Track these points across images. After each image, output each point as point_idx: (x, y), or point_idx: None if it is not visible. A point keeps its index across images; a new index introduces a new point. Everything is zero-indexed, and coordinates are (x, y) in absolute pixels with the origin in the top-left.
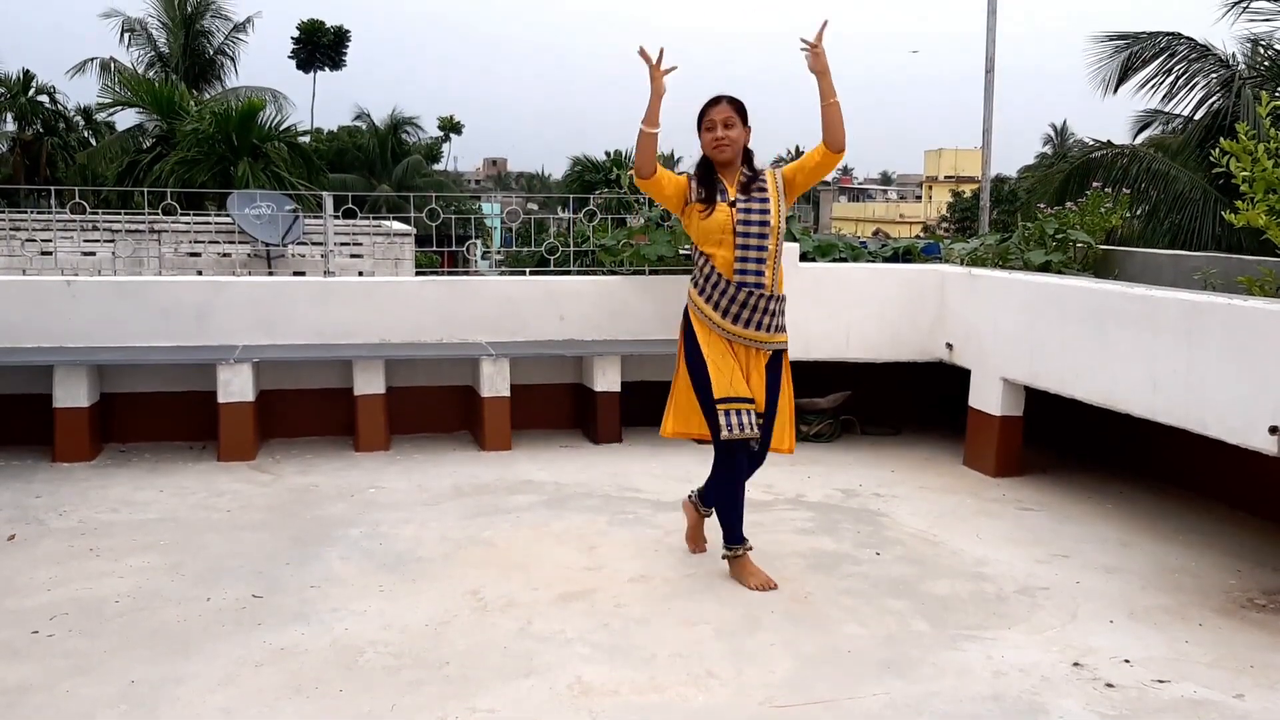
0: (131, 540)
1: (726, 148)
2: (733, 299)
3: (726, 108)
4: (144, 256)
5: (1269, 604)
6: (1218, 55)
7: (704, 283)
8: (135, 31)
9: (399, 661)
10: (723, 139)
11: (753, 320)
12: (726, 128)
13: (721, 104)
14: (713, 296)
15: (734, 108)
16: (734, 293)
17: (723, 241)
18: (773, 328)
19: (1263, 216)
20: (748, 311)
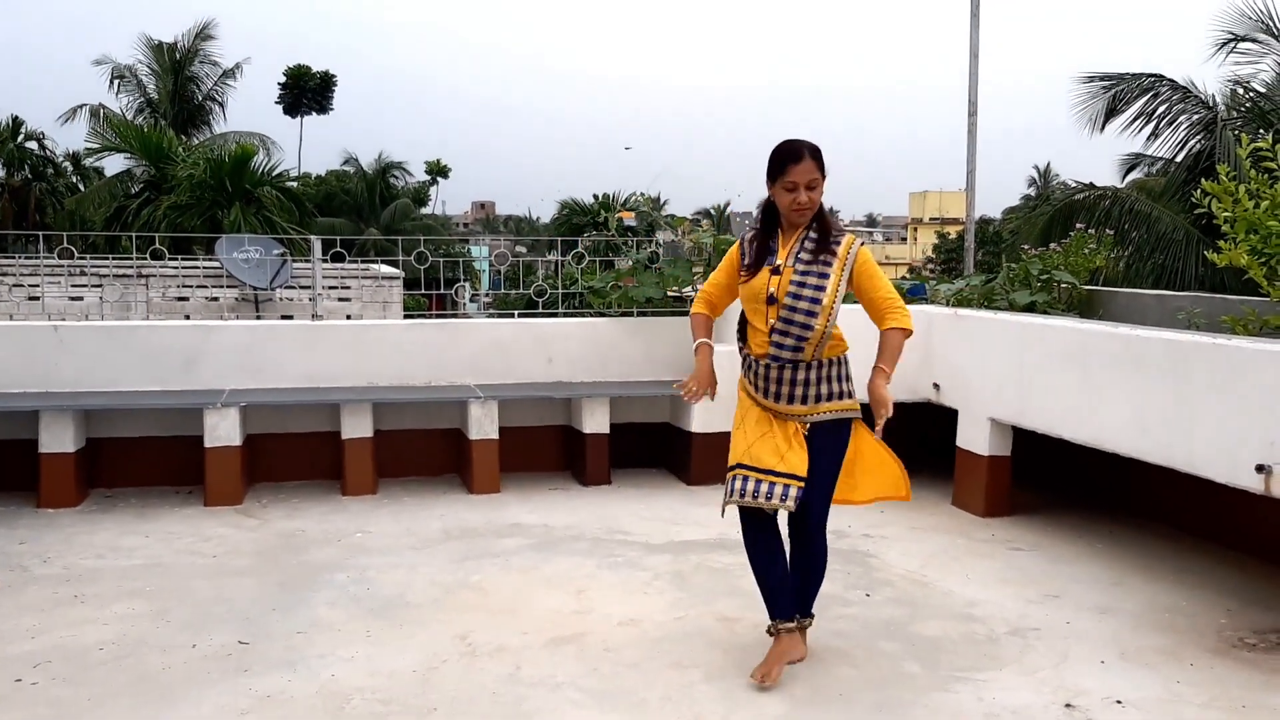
0: (117, 587)
1: (806, 212)
2: (766, 378)
3: (811, 165)
4: (131, 301)
5: (1260, 643)
6: (1199, 97)
7: (743, 359)
8: (125, 78)
9: (387, 708)
10: (805, 204)
11: (787, 396)
12: (809, 190)
13: (805, 161)
14: (747, 372)
15: (817, 163)
16: (764, 370)
17: (756, 312)
18: (812, 398)
19: (1245, 256)
20: (778, 386)
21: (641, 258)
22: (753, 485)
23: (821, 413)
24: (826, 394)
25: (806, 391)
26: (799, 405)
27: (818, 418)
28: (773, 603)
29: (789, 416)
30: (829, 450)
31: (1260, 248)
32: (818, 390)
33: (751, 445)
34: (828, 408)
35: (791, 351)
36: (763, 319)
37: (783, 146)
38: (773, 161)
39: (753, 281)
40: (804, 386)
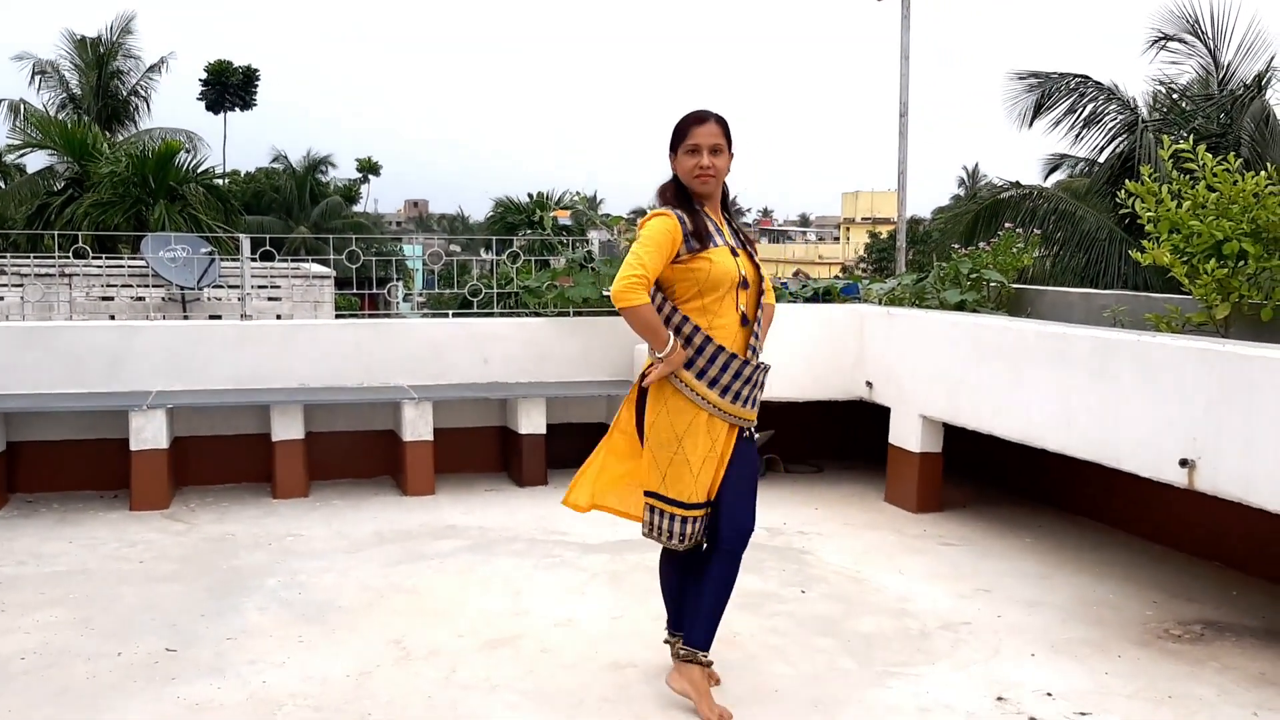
0: (39, 594)
1: (711, 179)
2: (746, 379)
3: (715, 129)
4: (54, 301)
5: (1184, 634)
6: (1122, 98)
7: (699, 359)
8: (47, 73)
9: (319, 714)
10: (709, 168)
11: (753, 398)
12: (713, 154)
13: (709, 123)
14: (719, 378)
15: (722, 129)
16: (746, 371)
17: (723, 299)
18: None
19: (1168, 255)
20: (751, 389)
21: (577, 257)
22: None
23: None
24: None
25: (758, 394)
26: (754, 409)
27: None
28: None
29: (744, 421)
30: (753, 455)
31: (1182, 247)
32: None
33: (699, 475)
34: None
35: (755, 340)
36: (733, 306)
37: (687, 114)
38: (675, 130)
39: (719, 261)
40: (760, 388)
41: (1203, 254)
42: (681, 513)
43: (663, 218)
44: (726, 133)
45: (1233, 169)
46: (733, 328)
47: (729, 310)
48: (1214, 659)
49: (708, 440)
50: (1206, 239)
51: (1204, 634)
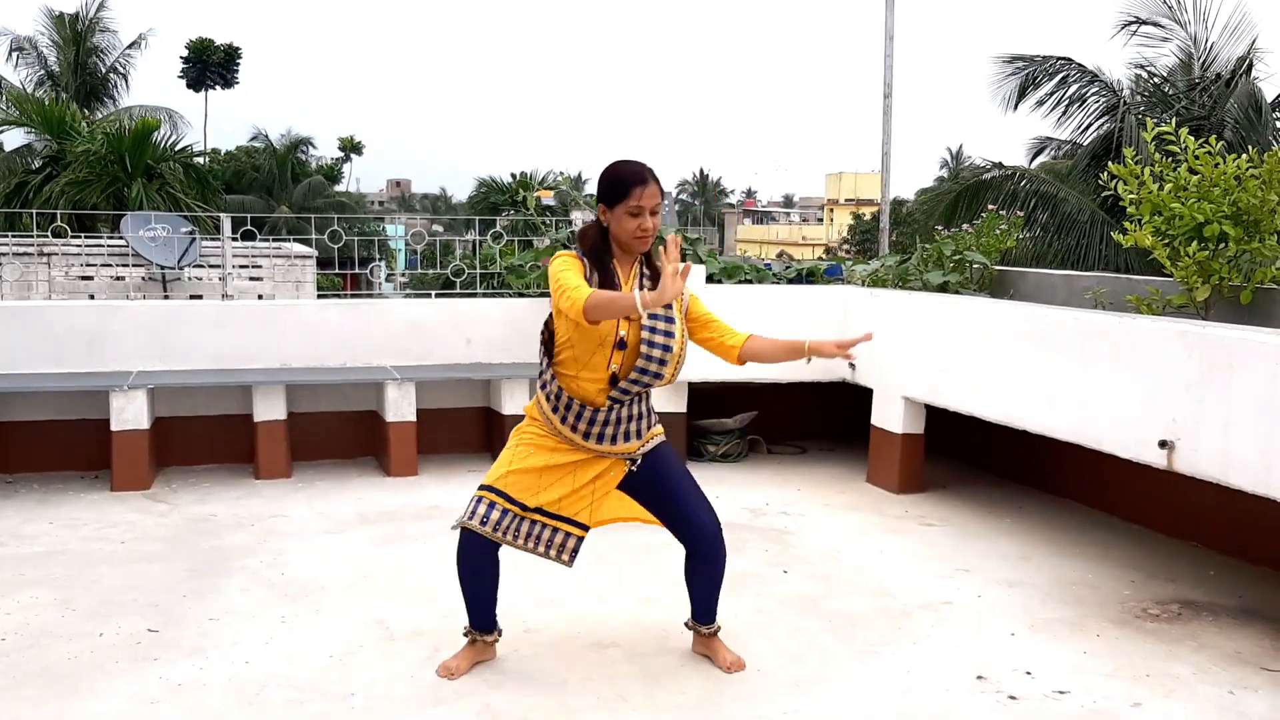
0: (19, 575)
1: (649, 240)
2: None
3: (656, 190)
4: (33, 280)
5: (1162, 614)
6: (1105, 81)
7: (556, 401)
8: (24, 50)
9: (302, 695)
10: (650, 230)
11: (623, 434)
12: (653, 216)
13: (651, 185)
14: (566, 418)
15: (660, 190)
16: (600, 416)
17: (595, 353)
18: (645, 429)
19: (1149, 237)
20: (614, 427)
21: (560, 237)
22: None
23: (650, 440)
24: (652, 423)
25: (640, 425)
26: (633, 441)
27: (647, 447)
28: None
29: (610, 456)
30: (674, 465)
31: (1164, 229)
32: (649, 420)
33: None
34: (653, 434)
35: (642, 388)
36: (604, 362)
37: (624, 168)
38: (614, 183)
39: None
40: (638, 421)
41: (1184, 236)
42: (481, 494)
43: (565, 255)
44: (662, 190)
45: (1214, 152)
46: (600, 383)
47: (599, 367)
48: (1191, 638)
49: (545, 455)
50: (1188, 221)
51: (1181, 613)
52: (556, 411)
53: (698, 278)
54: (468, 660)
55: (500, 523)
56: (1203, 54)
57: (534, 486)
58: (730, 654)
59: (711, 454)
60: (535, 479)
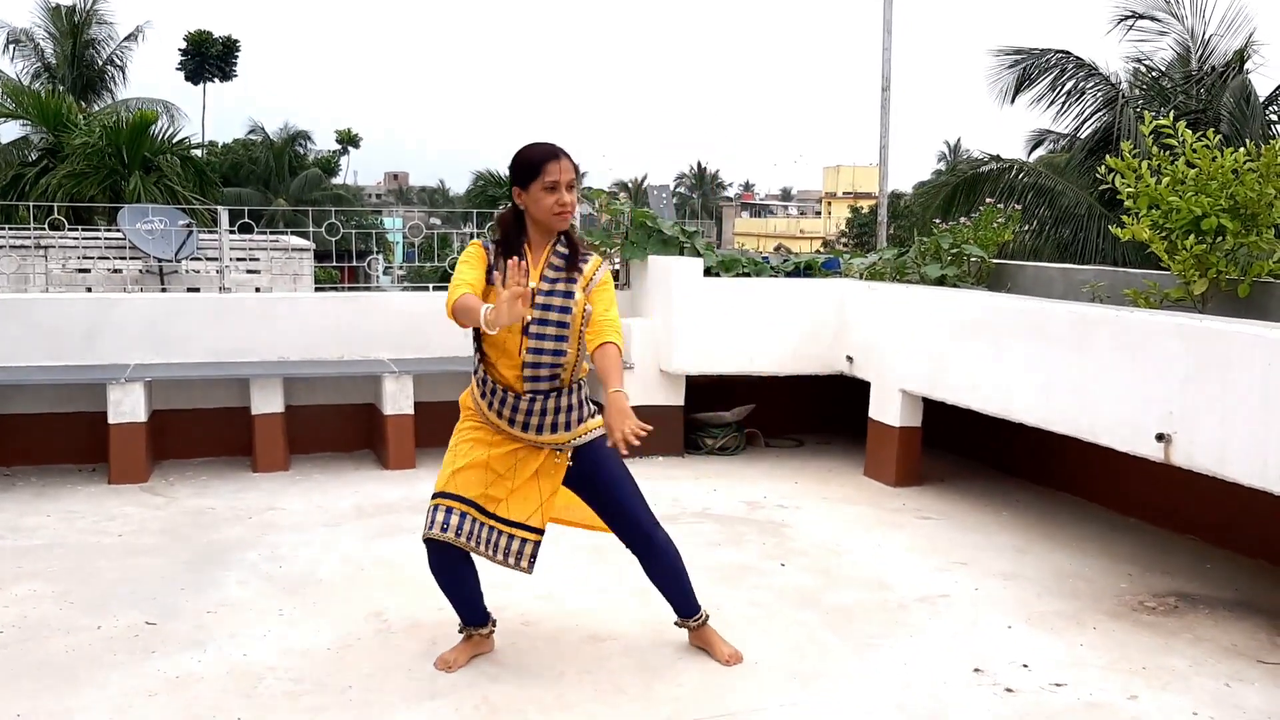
0: (16, 568)
1: (568, 215)
2: (519, 409)
3: (569, 165)
4: (30, 273)
5: (1159, 607)
6: (1103, 74)
7: (484, 388)
8: (21, 42)
9: (300, 687)
10: (569, 205)
11: (549, 425)
12: (569, 190)
13: (564, 159)
14: (493, 404)
15: (574, 166)
16: (516, 402)
17: (506, 337)
18: (574, 421)
19: (1147, 231)
20: (540, 417)
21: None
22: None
23: (584, 434)
24: (583, 416)
25: (570, 417)
26: (562, 433)
27: (580, 440)
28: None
29: (543, 447)
30: (611, 459)
31: (1161, 222)
32: (580, 413)
33: (491, 486)
34: (588, 428)
35: (548, 381)
36: (516, 345)
37: (534, 148)
38: (525, 164)
39: None
40: (566, 413)
41: (1181, 230)
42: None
43: (474, 245)
44: (575, 166)
45: (1212, 145)
46: (516, 369)
47: (513, 353)
48: (1187, 631)
49: (484, 448)
50: (1185, 215)
51: (1178, 606)
52: (485, 398)
53: (695, 271)
54: (465, 654)
55: (461, 527)
56: (1200, 47)
57: (481, 481)
58: (728, 646)
59: (709, 447)
60: (481, 474)
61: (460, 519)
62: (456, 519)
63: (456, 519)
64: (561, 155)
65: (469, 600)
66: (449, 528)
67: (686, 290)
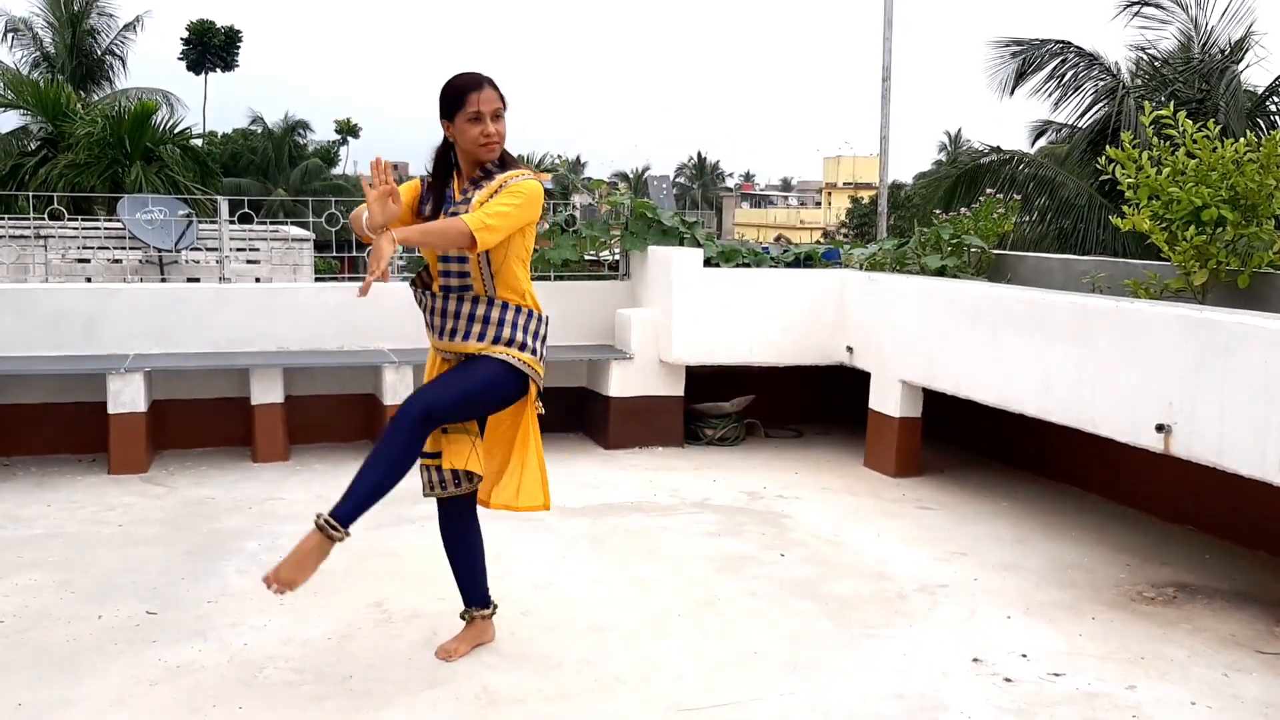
0: (17, 557)
1: (496, 145)
2: (431, 310)
3: (494, 94)
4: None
5: (1157, 597)
6: (1104, 64)
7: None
8: (19, 31)
9: (300, 676)
10: (493, 134)
11: (459, 330)
12: (495, 120)
13: (486, 88)
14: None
15: (499, 93)
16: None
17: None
18: (489, 337)
19: (1147, 222)
20: (441, 319)
21: (559, 220)
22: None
23: (485, 349)
24: (507, 338)
25: (485, 329)
26: (474, 342)
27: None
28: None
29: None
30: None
31: (1162, 213)
32: (497, 331)
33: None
34: (503, 351)
35: (458, 279)
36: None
37: (460, 78)
38: (449, 95)
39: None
40: (482, 324)
41: (1181, 220)
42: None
43: (411, 181)
44: (501, 95)
45: (1212, 136)
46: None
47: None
48: (1186, 621)
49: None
50: (1185, 205)
51: (1176, 596)
52: (419, 304)
53: (694, 262)
54: (467, 642)
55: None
56: (1203, 37)
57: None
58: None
59: (709, 437)
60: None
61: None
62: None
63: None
64: (484, 84)
65: (467, 572)
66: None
67: (686, 281)
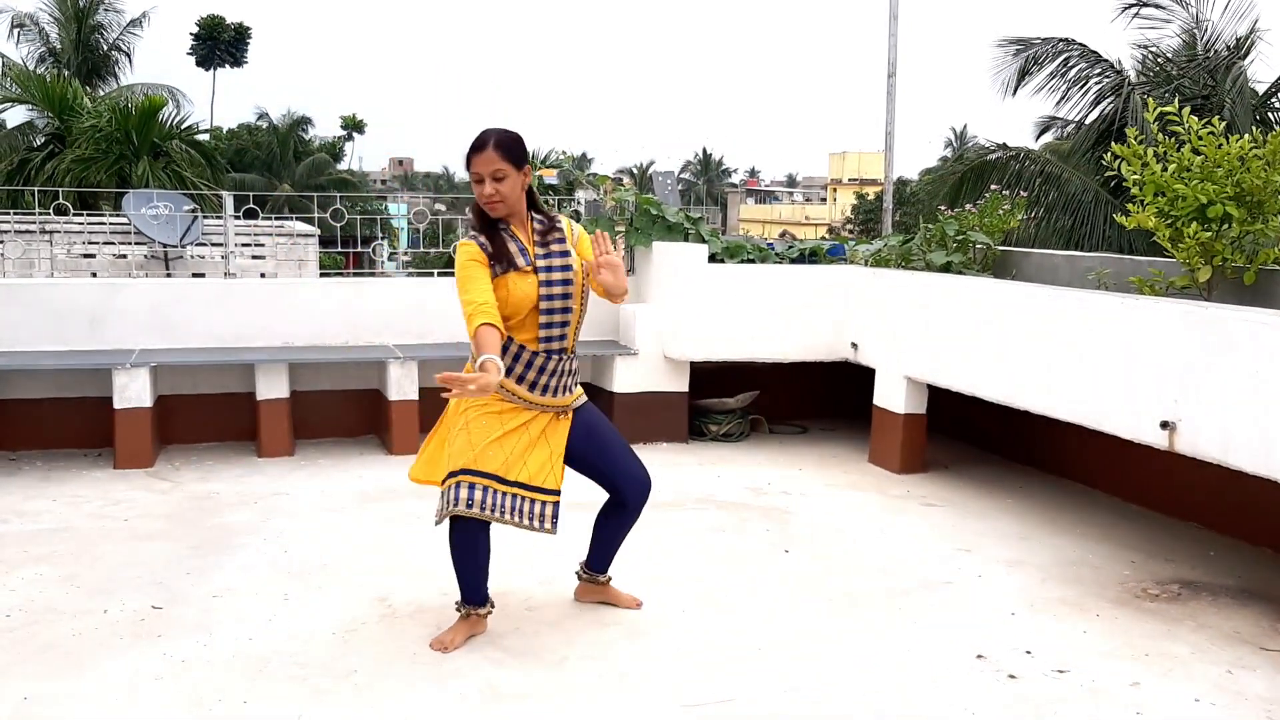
0: (23, 552)
1: (499, 204)
2: (540, 369)
3: (493, 155)
4: (35, 258)
5: (1162, 594)
6: (1108, 61)
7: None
8: (25, 26)
9: (305, 671)
10: (493, 197)
11: (563, 387)
12: (496, 181)
13: (486, 151)
14: (513, 368)
15: (502, 154)
16: (542, 363)
17: (528, 320)
18: (572, 388)
19: (1152, 219)
20: (551, 379)
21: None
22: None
23: (579, 399)
24: (578, 381)
25: (571, 382)
26: (567, 396)
27: (577, 402)
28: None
29: (547, 409)
30: (605, 420)
31: (1167, 210)
32: (578, 379)
33: (511, 455)
34: (580, 394)
35: (559, 342)
36: (534, 325)
37: (473, 141)
38: (467, 155)
39: (514, 289)
40: (570, 377)
41: (1187, 217)
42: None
43: (464, 246)
44: (509, 154)
45: (1218, 132)
46: (533, 329)
47: (531, 328)
48: (1190, 618)
49: (498, 422)
50: (1191, 202)
51: (1181, 593)
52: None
53: (700, 257)
54: (462, 634)
55: (485, 501)
56: (1206, 34)
57: (500, 454)
58: (628, 595)
59: (713, 433)
60: (499, 447)
61: (483, 493)
62: (480, 494)
63: (480, 494)
64: (485, 147)
65: (478, 579)
66: (474, 503)
67: (691, 277)
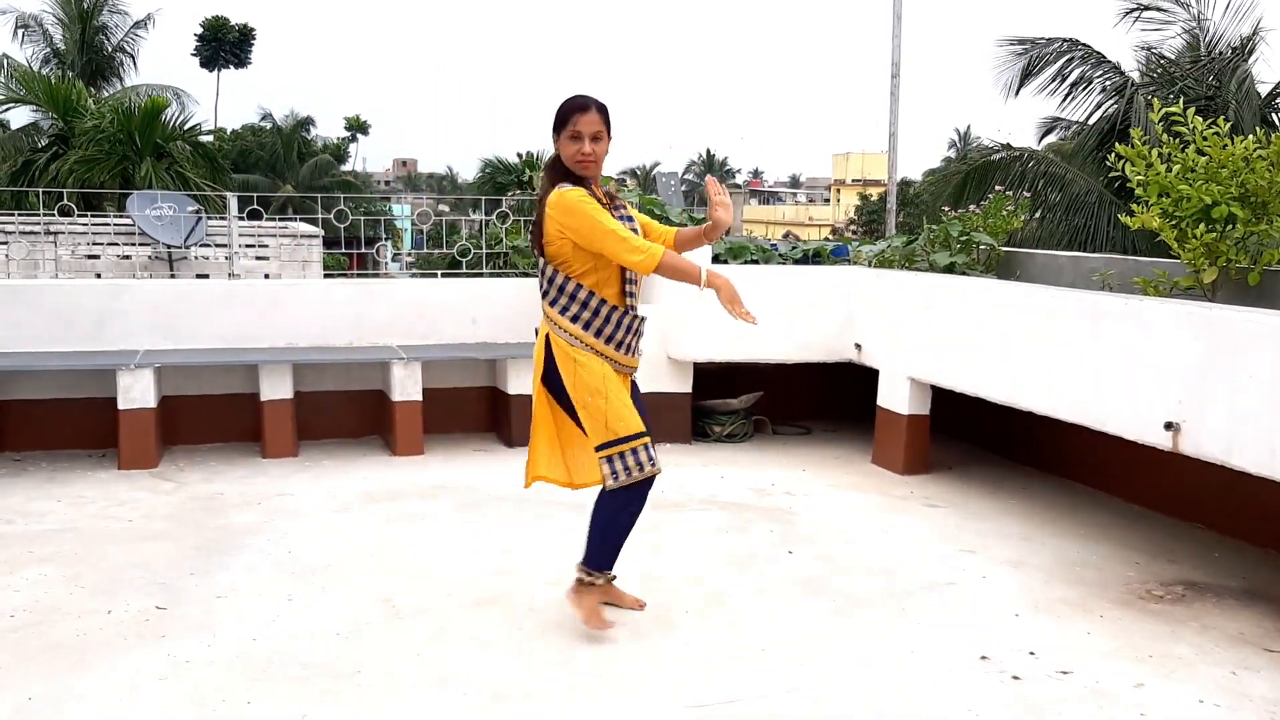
0: (27, 552)
1: (591, 164)
2: (628, 328)
3: (596, 118)
4: (39, 259)
5: (1166, 595)
6: (1111, 63)
7: (590, 315)
8: (30, 28)
9: (308, 671)
10: (590, 155)
11: (635, 347)
12: (594, 141)
13: (591, 111)
14: (604, 330)
15: (603, 117)
16: (629, 321)
17: (615, 270)
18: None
19: (1157, 219)
20: (634, 338)
21: None
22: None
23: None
24: None
25: (640, 342)
26: (636, 356)
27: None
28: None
29: (622, 369)
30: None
31: (1171, 211)
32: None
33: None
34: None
35: (635, 300)
36: (620, 276)
37: (570, 100)
38: (558, 114)
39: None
40: (640, 338)
41: (1191, 218)
42: (640, 442)
43: (575, 191)
44: (606, 120)
45: (1222, 133)
46: (616, 288)
47: (615, 282)
48: (1194, 619)
49: (617, 383)
50: (1195, 203)
51: (1185, 594)
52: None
53: (704, 257)
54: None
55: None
56: (1209, 35)
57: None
58: (631, 595)
59: (717, 434)
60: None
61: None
62: (655, 451)
63: (655, 451)
64: (589, 107)
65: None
66: (655, 461)
67: None
